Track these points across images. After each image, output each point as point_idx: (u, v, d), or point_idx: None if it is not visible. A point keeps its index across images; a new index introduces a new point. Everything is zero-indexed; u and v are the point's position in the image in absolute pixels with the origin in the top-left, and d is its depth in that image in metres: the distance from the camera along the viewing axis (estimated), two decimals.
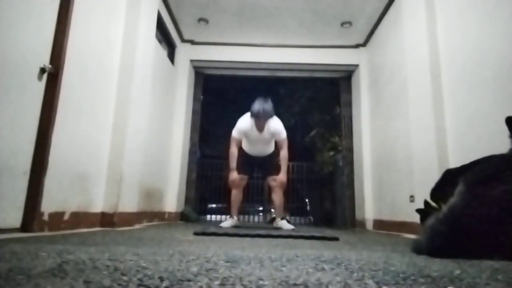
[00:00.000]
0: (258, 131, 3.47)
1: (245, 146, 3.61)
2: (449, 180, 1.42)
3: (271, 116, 3.44)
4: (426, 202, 1.66)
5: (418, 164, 3.18)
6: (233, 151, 3.45)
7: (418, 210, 1.77)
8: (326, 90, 6.49)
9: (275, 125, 3.47)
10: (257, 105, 3.38)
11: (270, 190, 3.67)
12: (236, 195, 3.55)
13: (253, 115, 3.41)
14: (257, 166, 3.61)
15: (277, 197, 3.51)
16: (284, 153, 3.47)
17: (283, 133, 3.48)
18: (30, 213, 1.93)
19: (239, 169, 3.53)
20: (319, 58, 5.16)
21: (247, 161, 3.53)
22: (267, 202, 6.38)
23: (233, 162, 3.43)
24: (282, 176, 3.44)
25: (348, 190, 5.12)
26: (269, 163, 3.53)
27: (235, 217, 3.52)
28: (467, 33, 2.72)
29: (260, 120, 3.40)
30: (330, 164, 5.98)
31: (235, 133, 3.47)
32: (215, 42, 5.17)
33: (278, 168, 3.55)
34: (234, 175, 3.43)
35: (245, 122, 3.48)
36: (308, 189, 7.10)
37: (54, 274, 0.68)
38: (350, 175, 5.14)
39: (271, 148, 3.64)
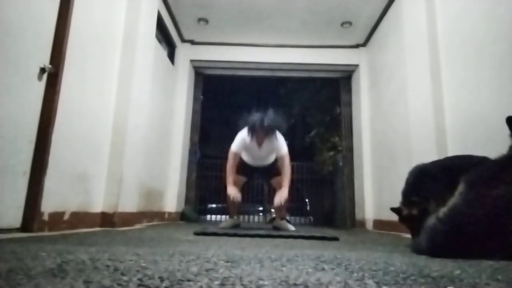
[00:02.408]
0: (257, 145, 3.23)
1: (244, 157, 3.46)
2: (423, 178, 1.44)
3: (271, 129, 3.11)
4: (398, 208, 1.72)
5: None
6: (231, 166, 3.20)
7: (393, 209, 1.81)
8: (326, 90, 6.49)
9: (275, 140, 3.17)
10: (253, 116, 3.14)
11: (274, 191, 3.54)
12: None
13: (249, 127, 3.15)
14: (257, 172, 3.55)
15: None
16: (285, 169, 3.18)
17: (283, 149, 3.18)
18: (30, 213, 1.93)
19: (239, 171, 3.47)
20: (319, 58, 5.15)
21: (246, 166, 3.47)
22: (267, 202, 6.38)
23: (230, 178, 3.18)
24: (283, 192, 3.11)
25: (348, 190, 5.12)
26: (270, 170, 3.46)
27: (235, 217, 3.51)
28: (467, 33, 2.72)
29: (256, 133, 3.14)
30: (330, 164, 5.97)
31: (233, 147, 3.22)
32: (215, 42, 5.16)
33: (279, 171, 3.48)
34: (231, 190, 3.16)
35: (244, 135, 3.21)
36: (308, 189, 7.10)
37: (54, 274, 0.68)
38: (350, 175, 5.14)
39: (271, 160, 3.48)
